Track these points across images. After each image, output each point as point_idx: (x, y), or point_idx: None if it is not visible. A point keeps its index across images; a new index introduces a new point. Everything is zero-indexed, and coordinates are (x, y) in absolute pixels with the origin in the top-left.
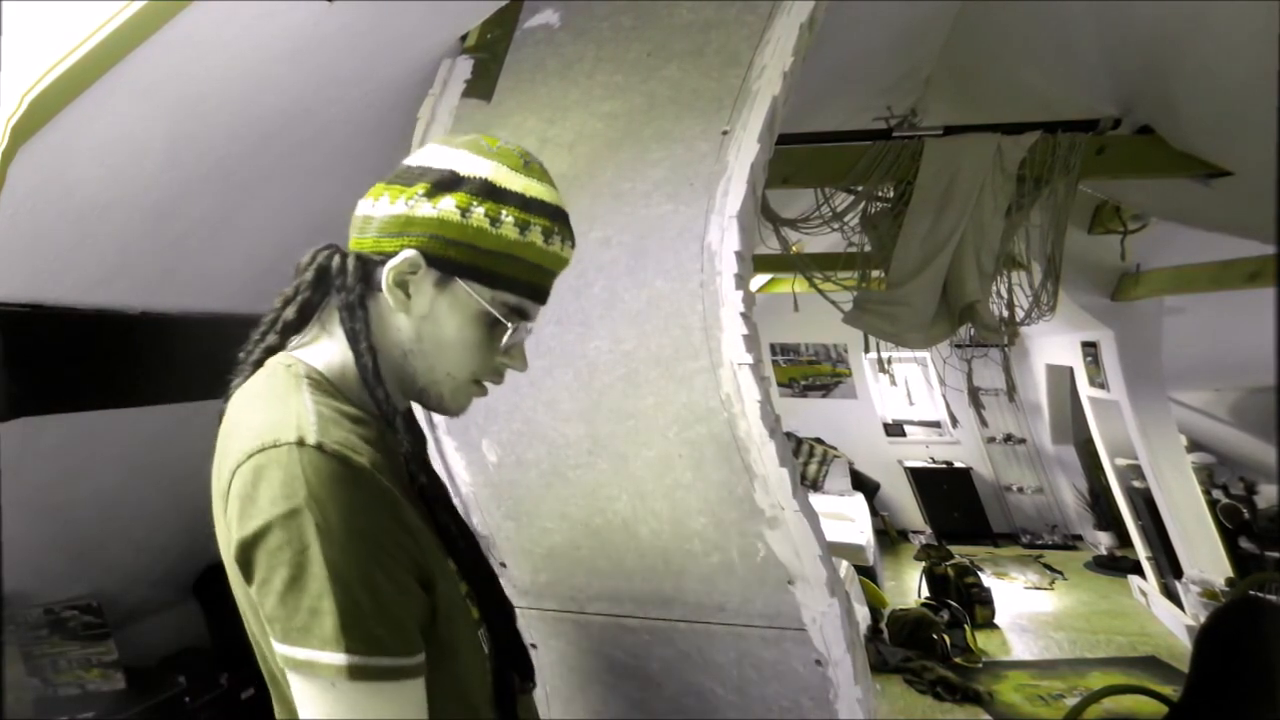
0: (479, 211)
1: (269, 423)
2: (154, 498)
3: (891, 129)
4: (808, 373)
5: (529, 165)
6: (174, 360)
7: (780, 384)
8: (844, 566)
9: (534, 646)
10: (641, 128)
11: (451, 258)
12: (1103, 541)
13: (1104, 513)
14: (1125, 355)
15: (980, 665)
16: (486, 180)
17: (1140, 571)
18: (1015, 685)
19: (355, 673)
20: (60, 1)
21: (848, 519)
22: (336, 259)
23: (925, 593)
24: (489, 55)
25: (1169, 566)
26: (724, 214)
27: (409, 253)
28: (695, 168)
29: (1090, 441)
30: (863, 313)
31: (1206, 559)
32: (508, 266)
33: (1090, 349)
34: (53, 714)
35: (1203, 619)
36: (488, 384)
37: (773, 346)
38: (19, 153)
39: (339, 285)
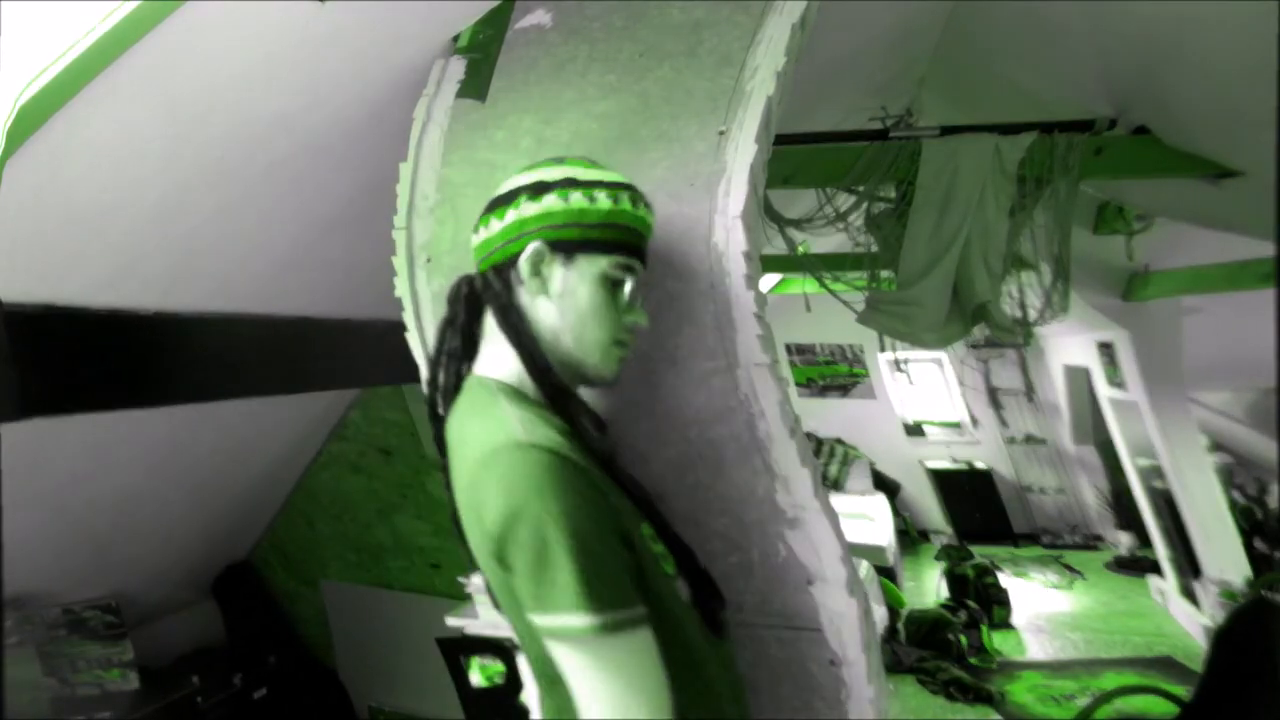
0: (576, 195)
1: (487, 432)
2: (173, 498)
3: (888, 129)
4: (825, 373)
5: (595, 165)
6: (188, 361)
7: (798, 384)
8: (864, 567)
9: None
10: (637, 128)
11: (567, 237)
12: (1123, 542)
13: (1125, 513)
14: (1142, 355)
15: (995, 666)
16: (570, 178)
17: (1160, 572)
18: (1029, 686)
19: (607, 627)
20: (51, 3)
21: (869, 519)
22: (479, 279)
23: (944, 593)
24: (481, 55)
25: (1189, 567)
26: (727, 214)
27: (535, 244)
28: (694, 168)
29: (1111, 442)
30: (875, 313)
31: (1227, 559)
32: (611, 233)
33: (1106, 349)
34: (70, 714)
35: (1220, 619)
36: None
37: (788, 347)
38: (18, 153)
39: (490, 296)
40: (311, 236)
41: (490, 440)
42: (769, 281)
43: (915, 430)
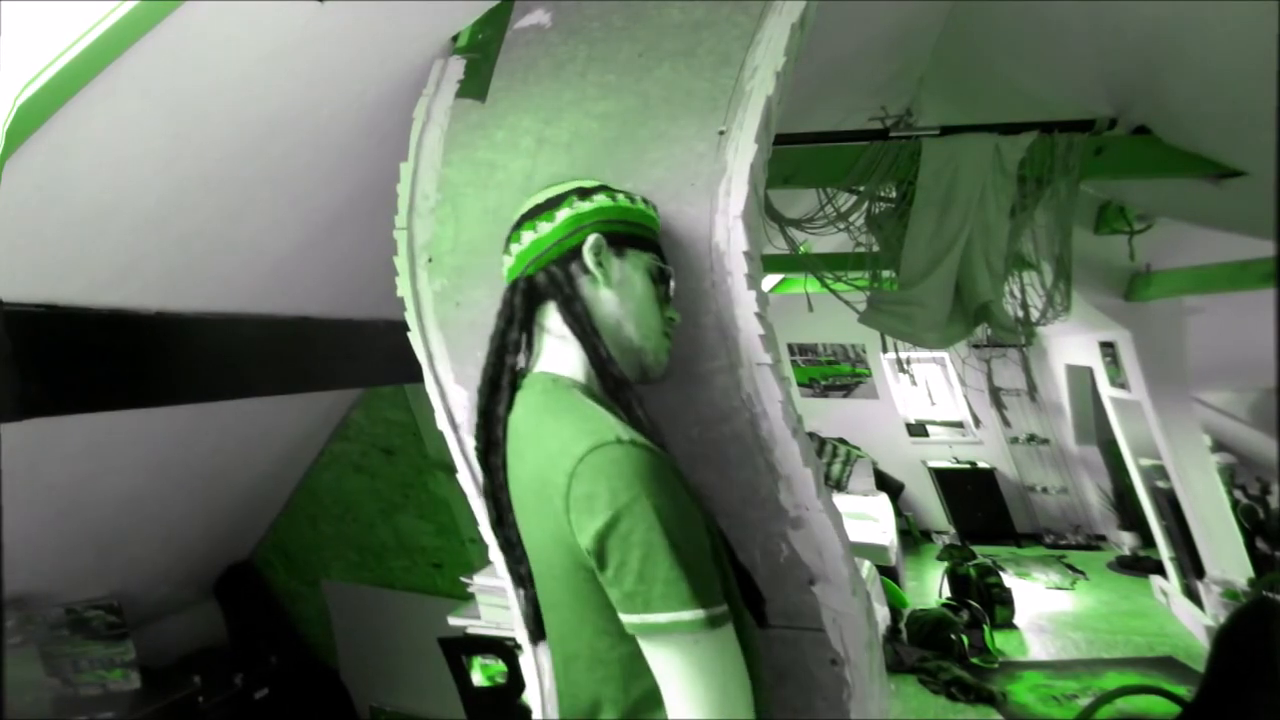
0: (620, 195)
1: (582, 429)
2: (174, 498)
3: (888, 129)
4: (827, 373)
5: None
6: (190, 360)
7: (800, 384)
8: (866, 566)
9: None
10: (637, 128)
11: (619, 231)
12: (1126, 542)
13: (1128, 513)
14: (1144, 355)
15: (997, 665)
16: (603, 185)
17: (1163, 571)
18: (1030, 686)
19: (712, 622)
20: (51, 2)
21: (871, 519)
22: (540, 276)
23: (946, 593)
24: (481, 55)
25: (1192, 567)
26: (728, 214)
27: (594, 235)
28: (695, 168)
29: (1114, 441)
30: (877, 313)
31: (1229, 559)
32: (646, 231)
33: (1109, 349)
34: (72, 714)
35: (1222, 619)
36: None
37: (790, 347)
38: (18, 153)
39: (553, 290)
40: (312, 236)
41: (593, 437)
42: (770, 281)
43: (918, 430)
